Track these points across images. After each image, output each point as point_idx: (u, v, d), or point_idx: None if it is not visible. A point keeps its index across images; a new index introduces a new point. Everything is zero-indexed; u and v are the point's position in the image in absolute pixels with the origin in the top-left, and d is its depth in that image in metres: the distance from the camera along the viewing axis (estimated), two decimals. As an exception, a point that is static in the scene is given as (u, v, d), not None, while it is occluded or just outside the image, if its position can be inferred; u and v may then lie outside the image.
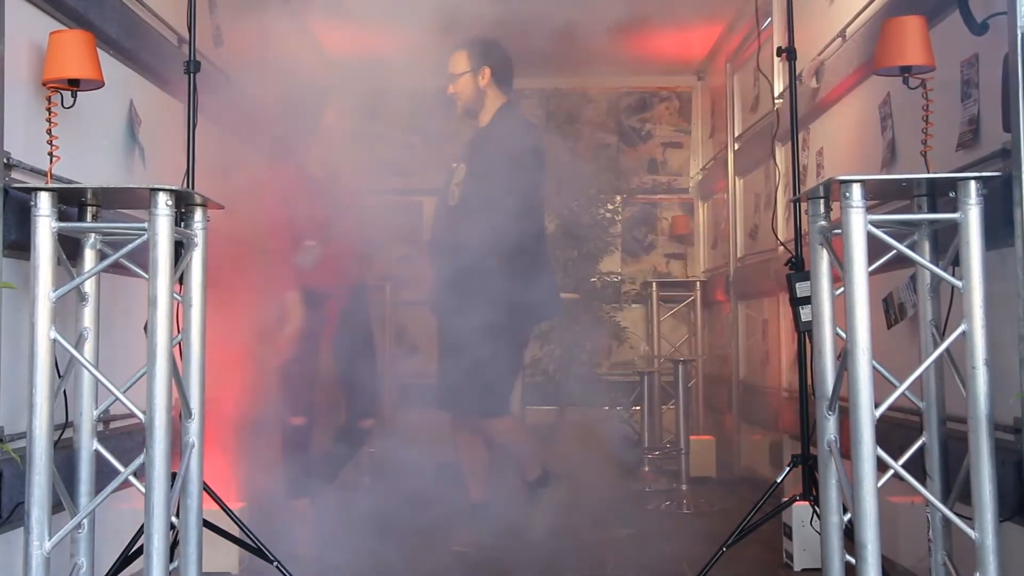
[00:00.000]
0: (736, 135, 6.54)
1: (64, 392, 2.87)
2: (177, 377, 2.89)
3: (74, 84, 2.93)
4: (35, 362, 2.66)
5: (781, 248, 4.55)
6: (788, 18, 3.74)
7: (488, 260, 4.17)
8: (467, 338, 4.20)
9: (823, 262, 2.99)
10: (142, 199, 2.74)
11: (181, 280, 3.01)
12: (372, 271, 4.77)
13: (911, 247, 2.85)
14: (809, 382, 3.38)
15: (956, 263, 2.70)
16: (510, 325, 4.26)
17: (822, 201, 3.01)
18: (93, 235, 2.94)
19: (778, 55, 3.75)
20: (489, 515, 4.33)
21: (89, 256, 2.94)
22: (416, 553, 4.14)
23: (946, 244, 2.84)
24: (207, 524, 3.16)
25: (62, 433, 2.84)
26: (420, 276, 4.57)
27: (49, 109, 2.92)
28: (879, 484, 2.63)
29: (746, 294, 6.25)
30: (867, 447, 2.61)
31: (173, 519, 2.86)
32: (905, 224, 2.95)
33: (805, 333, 3.45)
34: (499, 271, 4.17)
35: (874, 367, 2.66)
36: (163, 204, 2.70)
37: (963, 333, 2.65)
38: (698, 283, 7.33)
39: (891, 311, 3.62)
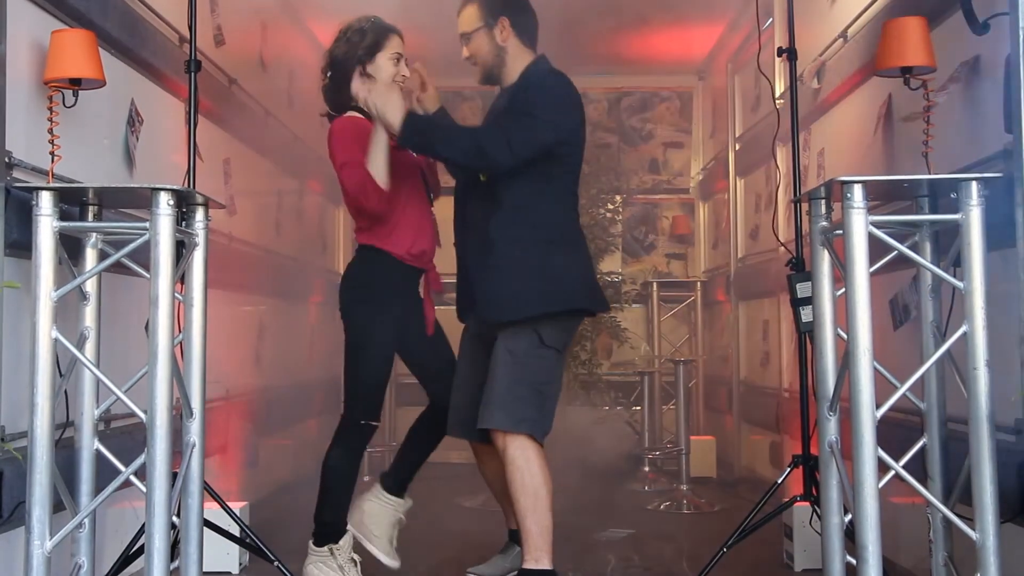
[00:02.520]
0: (737, 135, 6.54)
1: (65, 391, 2.87)
2: (178, 377, 2.89)
3: (75, 83, 2.94)
4: (36, 361, 2.66)
5: (782, 249, 4.56)
6: (789, 19, 3.74)
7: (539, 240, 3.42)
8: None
9: (824, 263, 2.99)
10: (143, 198, 2.74)
11: (182, 280, 3.02)
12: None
13: (912, 248, 2.85)
14: (810, 383, 3.39)
15: (957, 264, 2.70)
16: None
17: (823, 202, 3.02)
18: (94, 234, 2.94)
19: (779, 56, 3.75)
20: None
21: (90, 255, 2.94)
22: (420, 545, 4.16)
23: (947, 245, 2.84)
24: (208, 524, 3.16)
25: (63, 432, 2.84)
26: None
27: (51, 108, 2.93)
28: (880, 485, 2.63)
29: (747, 294, 6.25)
30: (868, 448, 2.61)
31: (174, 519, 2.85)
32: (906, 225, 2.94)
33: (806, 334, 3.45)
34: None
35: (875, 368, 2.66)
36: (164, 204, 2.70)
37: (964, 334, 2.65)
38: (699, 283, 7.33)
39: (896, 312, 3.62)
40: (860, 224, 2.65)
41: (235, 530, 3.42)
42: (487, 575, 3.67)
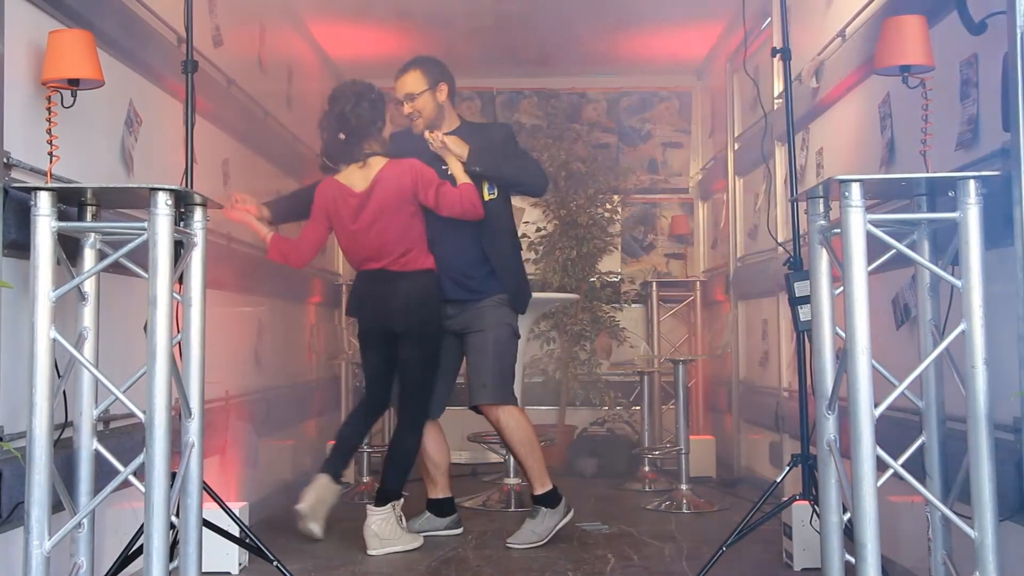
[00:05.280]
0: (736, 135, 6.54)
1: (64, 392, 2.87)
2: (177, 377, 2.89)
3: (74, 84, 2.94)
4: (35, 362, 2.66)
5: (781, 248, 4.56)
6: (782, 18, 3.75)
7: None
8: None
9: (822, 262, 2.99)
10: (142, 199, 2.75)
11: (181, 280, 3.02)
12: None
13: (910, 247, 2.85)
14: (808, 382, 3.39)
15: (955, 262, 2.70)
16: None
17: (821, 201, 3.02)
18: (93, 235, 2.94)
19: (773, 56, 3.75)
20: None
21: (89, 256, 2.94)
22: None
23: (945, 244, 2.84)
24: (207, 524, 3.16)
25: (62, 433, 2.84)
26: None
27: (49, 109, 2.92)
28: (879, 483, 2.63)
29: (746, 294, 6.25)
30: (867, 446, 2.61)
31: (173, 519, 2.85)
32: (904, 223, 2.95)
33: (804, 333, 3.45)
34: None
35: (873, 366, 2.66)
36: (163, 204, 2.70)
37: (962, 332, 2.65)
38: (698, 283, 7.33)
39: (897, 312, 3.62)
40: (858, 223, 2.65)
41: (234, 530, 3.42)
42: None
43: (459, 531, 4.56)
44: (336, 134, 4.25)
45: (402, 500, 4.29)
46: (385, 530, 4.14)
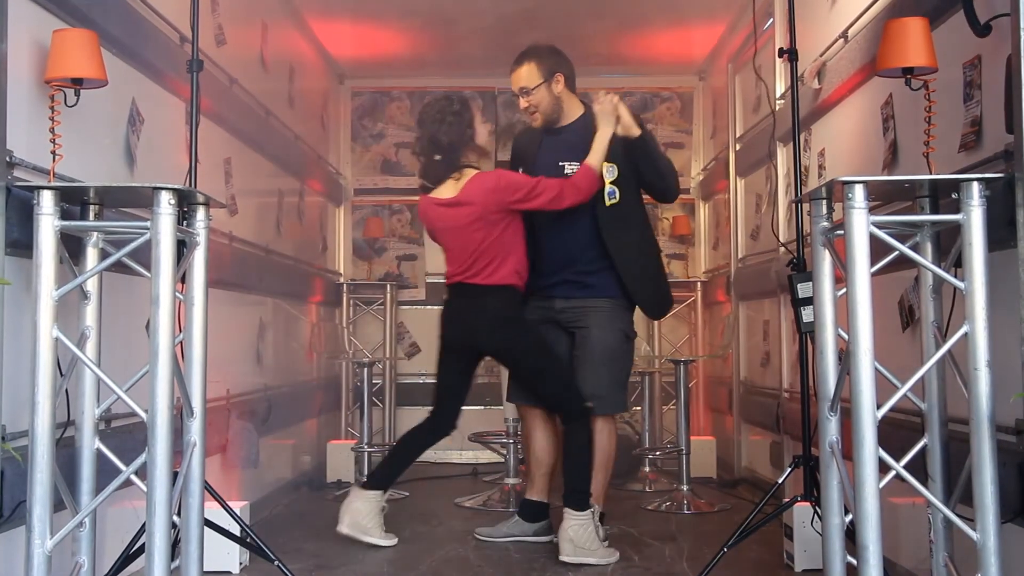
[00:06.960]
0: (738, 135, 6.54)
1: (66, 391, 2.87)
2: (179, 376, 2.89)
3: (77, 83, 2.94)
4: (37, 361, 2.66)
5: (782, 249, 4.56)
6: (790, 19, 3.74)
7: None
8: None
9: (825, 263, 2.99)
10: (145, 198, 2.74)
11: (183, 279, 3.02)
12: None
13: (914, 248, 2.85)
14: (811, 383, 3.39)
15: (958, 264, 2.70)
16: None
17: (824, 202, 3.02)
18: (95, 234, 2.95)
19: (779, 56, 3.75)
20: None
21: (91, 255, 2.95)
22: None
23: (948, 245, 2.84)
24: (208, 523, 3.17)
25: (64, 432, 2.84)
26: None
27: (52, 107, 2.92)
28: (881, 485, 2.63)
29: (747, 295, 6.25)
30: (869, 448, 2.61)
31: (174, 518, 2.85)
32: (908, 225, 2.94)
33: (807, 334, 3.45)
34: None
35: (876, 368, 2.66)
36: (165, 203, 2.70)
37: (965, 334, 2.65)
38: (699, 283, 7.33)
39: (903, 314, 3.62)
40: (861, 224, 2.65)
41: (235, 529, 3.42)
42: (492, 536, 4.34)
43: (548, 539, 4.25)
44: (432, 157, 4.22)
45: (388, 493, 4.27)
46: (362, 512, 4.12)
